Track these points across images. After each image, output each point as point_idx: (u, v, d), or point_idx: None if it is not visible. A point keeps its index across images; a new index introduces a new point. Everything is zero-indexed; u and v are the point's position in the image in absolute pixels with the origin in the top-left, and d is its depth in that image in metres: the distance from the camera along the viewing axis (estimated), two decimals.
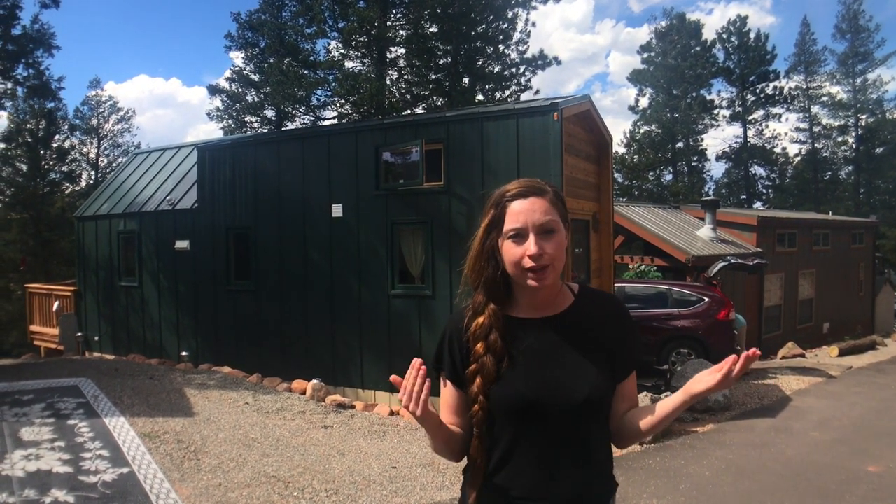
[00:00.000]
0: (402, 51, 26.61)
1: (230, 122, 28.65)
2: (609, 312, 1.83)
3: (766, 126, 46.10)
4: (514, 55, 27.23)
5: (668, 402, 1.70)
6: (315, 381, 9.35)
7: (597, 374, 1.71)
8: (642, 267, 16.37)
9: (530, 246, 1.66)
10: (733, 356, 1.55)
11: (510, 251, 1.70)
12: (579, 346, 1.74)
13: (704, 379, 1.60)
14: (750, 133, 45.87)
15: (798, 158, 46.20)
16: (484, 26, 26.18)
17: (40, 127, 32.31)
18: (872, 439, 7.67)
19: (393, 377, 1.66)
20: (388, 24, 25.34)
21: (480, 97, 26.55)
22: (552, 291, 1.79)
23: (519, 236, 1.69)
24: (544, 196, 1.73)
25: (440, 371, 1.86)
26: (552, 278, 1.70)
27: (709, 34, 45.67)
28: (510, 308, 1.80)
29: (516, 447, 1.71)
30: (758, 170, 47.14)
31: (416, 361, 1.63)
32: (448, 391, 1.84)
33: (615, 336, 1.79)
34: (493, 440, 1.75)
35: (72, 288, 14.67)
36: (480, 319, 1.77)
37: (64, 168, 33.63)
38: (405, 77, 27.38)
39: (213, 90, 28.73)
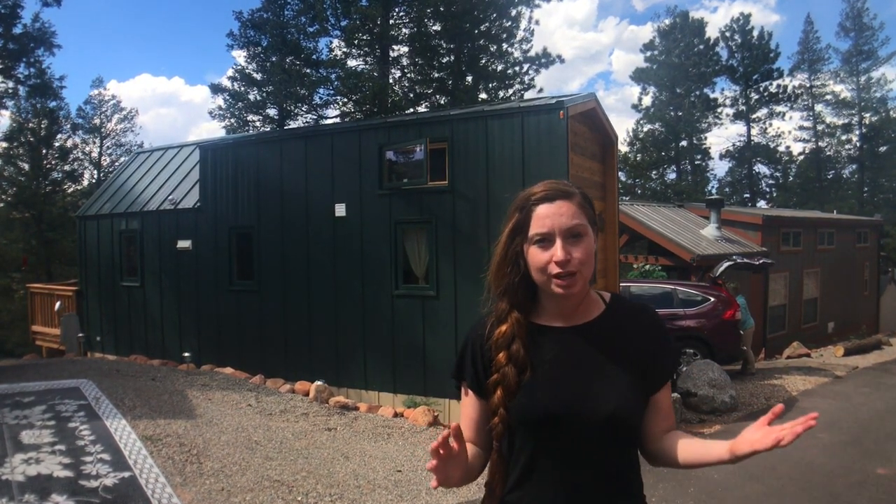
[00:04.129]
0: (405, 49, 26.59)
1: (232, 120, 28.56)
2: (643, 324, 1.73)
3: (770, 124, 46.02)
4: (517, 53, 27.19)
5: (711, 452, 1.55)
6: (318, 383, 9.28)
7: (626, 388, 1.61)
8: (647, 266, 16.29)
9: (557, 251, 1.58)
10: (776, 409, 1.44)
11: (536, 257, 1.62)
12: (608, 357, 1.64)
13: (751, 440, 1.45)
14: (753, 131, 45.76)
15: (801, 157, 46.10)
16: (487, 24, 26.13)
17: (42, 126, 32.30)
18: (881, 441, 7.60)
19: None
20: (391, 22, 25.30)
21: (483, 95, 26.52)
22: (580, 298, 1.69)
23: (545, 241, 1.60)
24: (571, 199, 1.64)
25: (461, 380, 1.78)
26: (580, 285, 1.61)
27: (712, 32, 45.55)
28: (536, 315, 1.72)
29: (537, 463, 1.62)
30: (761, 168, 47.07)
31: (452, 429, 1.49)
32: (470, 401, 1.75)
33: (649, 349, 1.68)
34: (514, 455, 1.66)
35: (73, 288, 14.62)
36: (503, 328, 1.69)
37: (66, 167, 33.66)
38: (408, 75, 27.36)
39: (216, 89, 28.65)
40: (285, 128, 25.49)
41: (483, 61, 26.65)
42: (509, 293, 1.70)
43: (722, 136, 57.61)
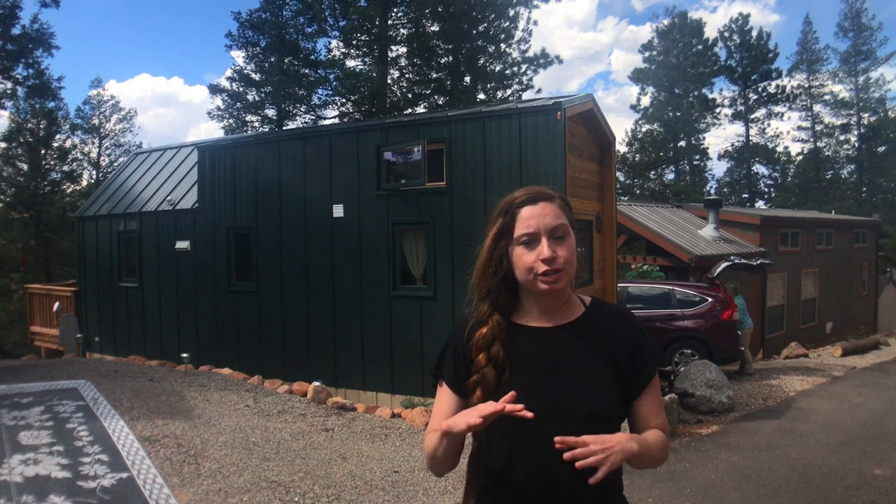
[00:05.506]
0: (404, 49, 26.64)
1: (231, 121, 28.59)
2: (622, 326, 1.76)
3: (768, 125, 46.25)
4: (515, 54, 27.28)
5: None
6: (316, 384, 9.29)
7: (604, 386, 1.64)
8: (645, 267, 16.29)
9: (543, 249, 1.63)
10: None
11: (522, 257, 1.66)
12: (587, 357, 1.68)
13: None
14: (752, 132, 45.84)
15: (800, 157, 46.17)
16: (485, 25, 26.19)
17: (41, 127, 32.26)
18: (878, 441, 7.60)
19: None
20: (389, 22, 25.35)
21: (482, 96, 26.57)
22: (562, 299, 1.74)
23: (531, 241, 1.65)
24: (553, 201, 1.71)
25: (438, 378, 1.80)
26: (564, 283, 1.66)
27: (711, 32, 45.81)
28: (517, 316, 1.75)
29: (515, 461, 1.64)
30: (760, 168, 47.16)
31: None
32: (447, 399, 1.77)
33: (626, 349, 1.71)
34: (493, 453, 1.68)
35: (72, 288, 14.63)
36: (484, 329, 1.72)
37: (65, 168, 33.60)
38: (406, 76, 27.41)
39: (214, 89, 28.67)
40: (283, 128, 25.52)
41: (481, 62, 26.69)
42: (492, 295, 1.74)
43: (720, 137, 58.50)
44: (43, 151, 32.34)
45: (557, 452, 1.59)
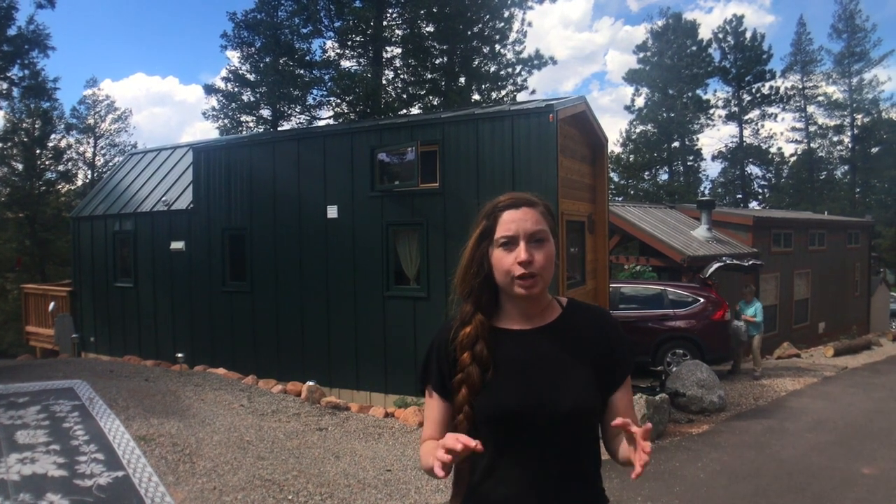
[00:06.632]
0: (398, 50, 26.69)
1: (226, 121, 28.54)
2: (597, 324, 1.82)
3: (762, 126, 46.33)
4: (510, 55, 27.35)
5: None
6: (310, 383, 9.34)
7: (583, 385, 1.70)
8: (637, 267, 16.37)
9: (521, 252, 1.68)
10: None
11: (500, 259, 1.71)
12: (566, 357, 1.74)
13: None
14: (746, 133, 46.04)
15: (794, 158, 46.37)
16: (480, 26, 26.25)
17: (36, 126, 32.24)
18: (867, 441, 7.68)
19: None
20: (384, 23, 25.40)
21: (476, 97, 26.64)
22: (540, 303, 1.80)
23: (510, 244, 1.70)
24: (535, 207, 1.76)
25: (426, 383, 1.86)
26: (540, 288, 1.71)
27: (705, 33, 46.04)
28: (498, 319, 1.81)
29: (500, 459, 1.70)
30: (753, 169, 47.37)
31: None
32: (434, 403, 1.83)
33: (603, 348, 1.78)
34: (479, 453, 1.74)
35: (67, 288, 14.64)
36: (467, 329, 1.78)
37: (60, 168, 33.63)
38: (401, 76, 27.45)
39: (209, 89, 28.61)
40: (278, 129, 25.52)
41: (476, 63, 26.77)
42: (474, 295, 1.80)
43: (714, 138, 59.01)
44: (38, 151, 32.35)
45: (541, 449, 1.68)
